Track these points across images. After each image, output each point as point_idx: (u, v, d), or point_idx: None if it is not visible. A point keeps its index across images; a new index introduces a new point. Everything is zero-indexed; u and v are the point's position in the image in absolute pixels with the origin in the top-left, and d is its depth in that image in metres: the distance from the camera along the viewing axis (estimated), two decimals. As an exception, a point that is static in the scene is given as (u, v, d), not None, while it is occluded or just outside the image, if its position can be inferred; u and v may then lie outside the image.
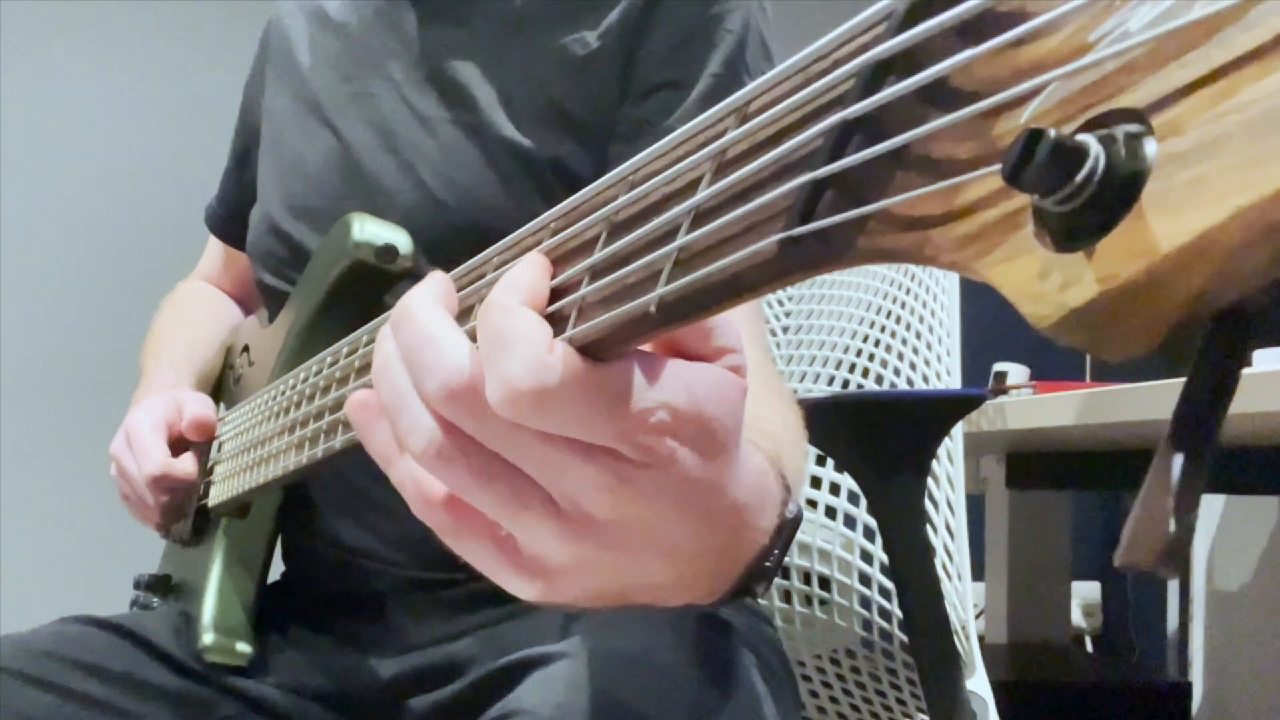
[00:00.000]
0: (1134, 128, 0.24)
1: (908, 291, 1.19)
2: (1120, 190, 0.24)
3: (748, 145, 0.33)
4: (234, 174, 1.08)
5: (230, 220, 1.07)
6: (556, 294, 0.39)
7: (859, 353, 1.21)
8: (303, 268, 0.87)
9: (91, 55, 2.78)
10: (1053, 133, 0.24)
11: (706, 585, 0.43)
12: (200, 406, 0.91)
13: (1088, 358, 2.08)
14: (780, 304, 1.35)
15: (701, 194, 0.34)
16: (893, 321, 1.19)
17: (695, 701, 0.67)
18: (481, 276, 0.44)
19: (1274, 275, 0.23)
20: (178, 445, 0.90)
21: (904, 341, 1.17)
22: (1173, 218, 0.23)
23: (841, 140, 0.30)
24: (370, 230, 0.77)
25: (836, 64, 0.31)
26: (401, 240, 0.77)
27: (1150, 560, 0.26)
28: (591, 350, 0.36)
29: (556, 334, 0.37)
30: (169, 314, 1.09)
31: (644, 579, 0.41)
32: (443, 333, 0.39)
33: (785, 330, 1.34)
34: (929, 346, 1.15)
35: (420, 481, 0.41)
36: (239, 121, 1.06)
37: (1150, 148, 0.24)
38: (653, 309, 0.35)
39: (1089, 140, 0.24)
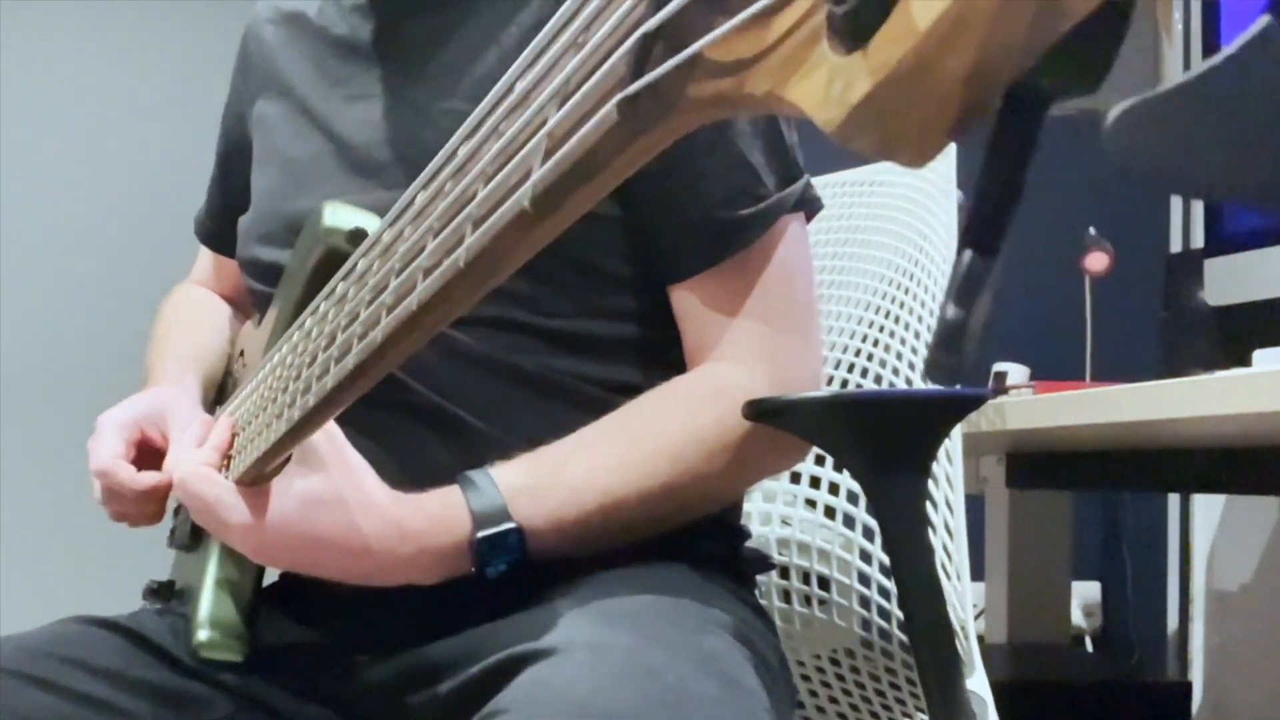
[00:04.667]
0: None
1: (907, 291, 1.19)
2: None
3: (600, 23, 0.34)
4: (218, 183, 1.08)
5: (218, 230, 1.08)
6: (453, 218, 0.41)
7: (858, 352, 1.21)
8: None
9: (91, 56, 2.78)
10: None
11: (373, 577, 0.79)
12: (176, 449, 0.90)
13: (1088, 358, 2.08)
14: (780, 304, 1.35)
15: (562, 76, 0.35)
16: (892, 321, 1.19)
17: (689, 698, 0.66)
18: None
19: (1043, 41, 0.23)
20: (148, 448, 0.90)
21: (903, 341, 1.17)
22: None
23: None
24: (341, 215, 0.77)
25: None
26: (371, 223, 0.77)
27: (934, 347, 0.27)
28: (485, 259, 0.39)
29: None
30: (171, 317, 1.09)
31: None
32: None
33: (785, 330, 1.34)
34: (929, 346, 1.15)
35: None
36: (221, 130, 1.06)
37: None
38: (527, 203, 0.35)
39: None
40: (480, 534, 0.77)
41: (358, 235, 0.76)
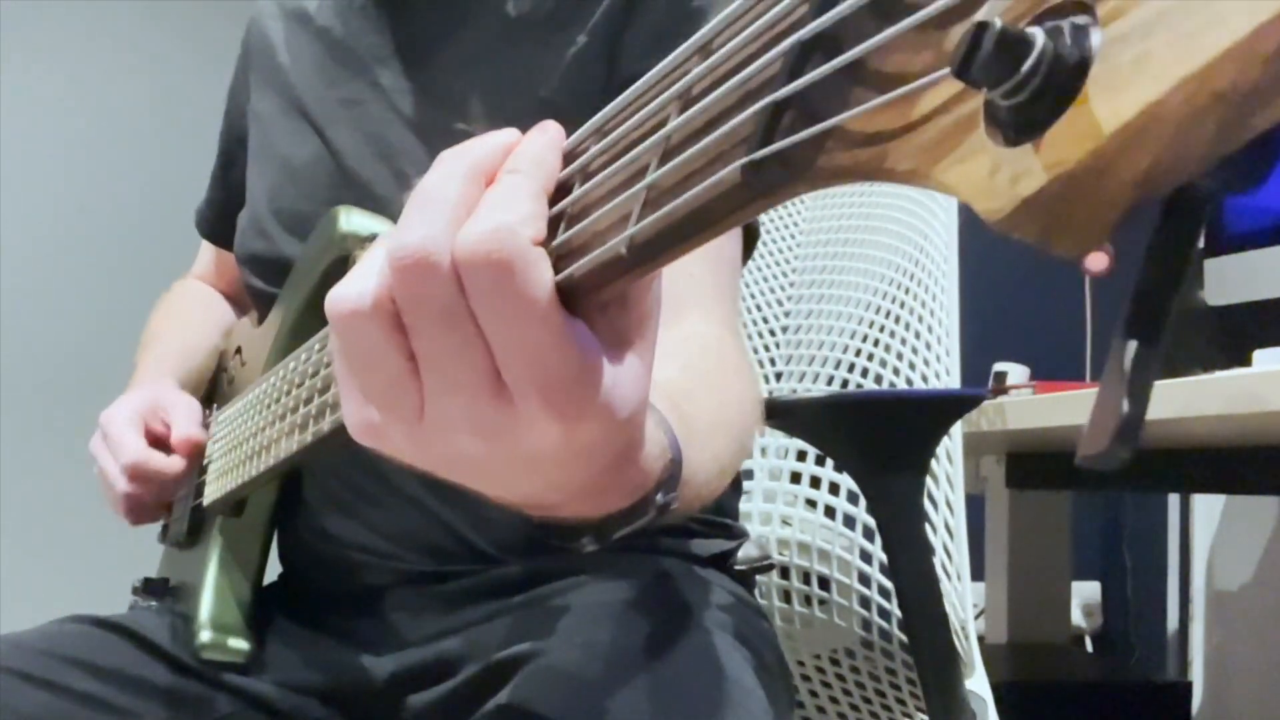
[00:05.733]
0: (1081, 19, 0.24)
1: (907, 291, 1.19)
2: (1066, 78, 0.24)
3: (711, 80, 0.33)
4: (220, 177, 1.08)
5: (219, 223, 1.08)
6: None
7: (858, 352, 1.21)
8: (289, 271, 0.86)
9: (91, 55, 2.78)
10: (998, 23, 0.25)
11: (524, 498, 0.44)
12: (187, 423, 0.90)
13: (1088, 358, 2.08)
14: (780, 304, 1.35)
15: (667, 129, 0.34)
16: (892, 321, 1.19)
17: (688, 698, 0.67)
18: None
19: (1221, 152, 0.23)
20: (154, 443, 0.90)
21: (903, 341, 1.17)
22: (1116, 98, 0.23)
23: (799, 61, 0.30)
24: (356, 221, 0.77)
25: None
26: (387, 230, 0.77)
27: (1106, 441, 0.26)
28: (574, 296, 0.37)
29: None
30: (162, 314, 1.09)
31: (474, 479, 0.42)
32: (449, 194, 0.38)
33: (785, 330, 1.34)
34: (928, 346, 1.15)
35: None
36: (223, 124, 1.06)
37: (1095, 36, 0.24)
38: (624, 250, 0.35)
39: (1035, 31, 0.25)
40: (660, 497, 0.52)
41: (373, 241, 0.76)
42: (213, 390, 1.01)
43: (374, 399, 0.40)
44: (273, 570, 0.94)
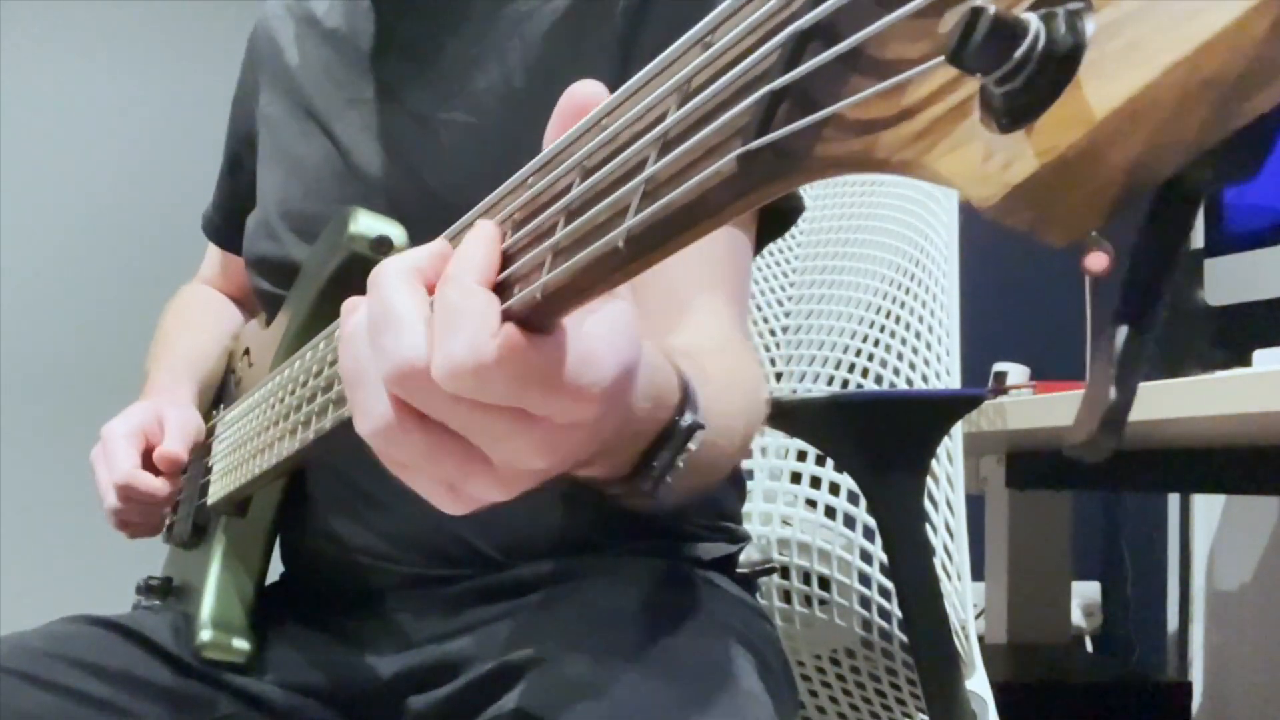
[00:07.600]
0: (1076, 4, 0.24)
1: (907, 291, 1.19)
2: (1060, 65, 0.24)
3: (710, 72, 0.33)
4: (227, 180, 1.08)
5: (226, 226, 1.08)
6: (532, 247, 0.40)
7: (858, 353, 1.21)
8: (297, 274, 0.86)
9: (92, 55, 2.78)
10: (992, 9, 0.24)
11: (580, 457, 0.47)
12: (174, 440, 0.91)
13: (1088, 359, 2.08)
14: (780, 304, 1.35)
15: (667, 123, 0.34)
16: (892, 321, 1.19)
17: (693, 703, 0.67)
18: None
19: (1212, 138, 0.23)
20: (150, 455, 0.91)
21: (904, 341, 1.17)
22: (1108, 84, 0.23)
23: (796, 51, 0.30)
24: (365, 223, 0.77)
25: None
26: (396, 233, 0.77)
27: (1092, 429, 0.26)
28: (568, 294, 0.38)
29: (525, 288, 0.39)
30: (171, 319, 1.09)
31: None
32: (405, 311, 0.42)
33: (785, 330, 1.34)
34: (929, 346, 1.15)
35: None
36: (230, 127, 1.06)
37: (1090, 21, 0.24)
38: (621, 244, 0.35)
39: (1029, 17, 0.24)
40: (688, 417, 0.54)
41: (382, 243, 0.76)
42: (221, 392, 1.02)
43: (452, 475, 0.44)
44: (275, 571, 0.94)
